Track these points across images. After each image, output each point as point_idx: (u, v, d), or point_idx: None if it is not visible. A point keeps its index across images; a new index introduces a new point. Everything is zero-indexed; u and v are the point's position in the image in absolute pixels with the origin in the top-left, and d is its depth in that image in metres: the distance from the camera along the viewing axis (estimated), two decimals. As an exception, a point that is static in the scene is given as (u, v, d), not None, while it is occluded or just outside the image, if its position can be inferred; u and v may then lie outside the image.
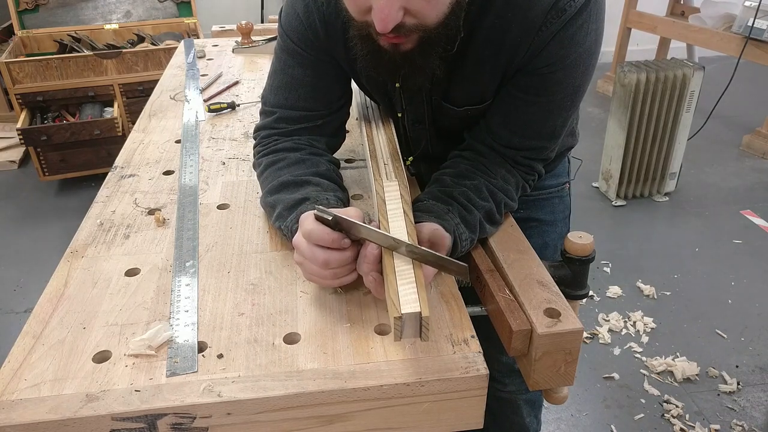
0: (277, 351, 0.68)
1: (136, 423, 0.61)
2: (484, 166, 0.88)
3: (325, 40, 0.88)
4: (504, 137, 0.88)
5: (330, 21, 0.85)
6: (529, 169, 0.91)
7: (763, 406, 1.79)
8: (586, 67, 0.82)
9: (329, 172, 0.90)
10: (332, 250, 0.70)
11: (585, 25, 0.77)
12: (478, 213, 0.83)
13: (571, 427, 1.76)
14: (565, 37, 0.77)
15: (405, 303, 0.62)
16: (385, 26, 0.67)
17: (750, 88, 4.07)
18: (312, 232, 0.70)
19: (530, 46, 0.79)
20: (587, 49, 0.80)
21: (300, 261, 0.73)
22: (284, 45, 0.91)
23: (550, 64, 0.80)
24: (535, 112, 0.85)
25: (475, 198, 0.84)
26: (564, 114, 0.86)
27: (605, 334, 2.06)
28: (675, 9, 3.84)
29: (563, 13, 0.76)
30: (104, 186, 1.04)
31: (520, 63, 0.81)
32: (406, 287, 0.64)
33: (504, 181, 0.88)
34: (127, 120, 3.03)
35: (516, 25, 0.78)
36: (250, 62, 1.73)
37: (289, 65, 0.91)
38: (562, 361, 0.71)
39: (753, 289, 2.27)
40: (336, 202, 0.81)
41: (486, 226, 0.85)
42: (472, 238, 0.82)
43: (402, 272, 0.66)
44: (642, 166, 2.78)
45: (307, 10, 0.86)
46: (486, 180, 0.86)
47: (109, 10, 3.27)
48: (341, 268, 0.71)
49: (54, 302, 0.76)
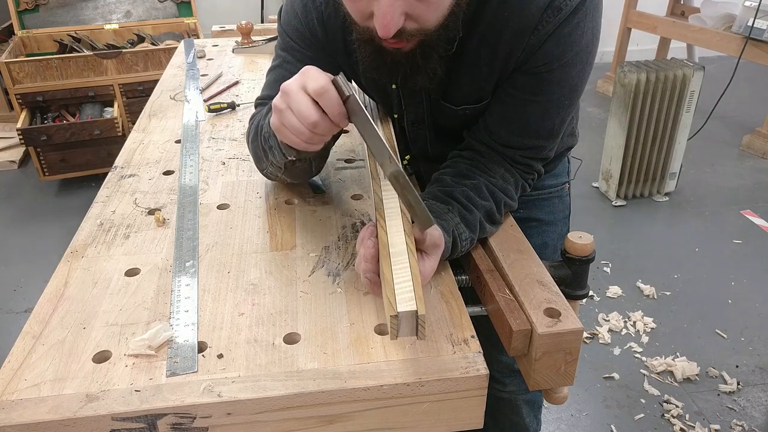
0: (277, 351, 0.68)
1: (136, 423, 0.61)
2: (484, 165, 0.88)
3: (323, 40, 0.88)
4: (502, 136, 0.88)
5: (328, 21, 0.86)
6: (528, 168, 0.91)
7: (763, 406, 1.79)
8: (583, 65, 0.82)
9: None
10: (325, 117, 0.67)
11: (581, 23, 0.78)
12: (478, 213, 0.83)
13: (571, 427, 1.76)
14: (561, 35, 0.77)
15: (401, 301, 0.62)
16: (387, 32, 0.68)
17: (750, 88, 4.07)
18: (326, 91, 0.65)
19: (526, 45, 0.79)
20: (584, 48, 0.80)
21: (282, 108, 0.69)
22: (283, 43, 0.92)
23: (547, 63, 0.80)
24: (532, 112, 0.85)
25: (476, 197, 0.84)
26: (562, 113, 0.86)
27: (605, 334, 2.06)
28: (675, 9, 3.84)
29: (559, 11, 0.76)
30: (104, 186, 1.04)
31: (517, 62, 0.81)
32: (402, 285, 0.64)
33: (503, 181, 0.88)
34: (127, 120, 3.03)
35: (512, 24, 0.78)
36: (250, 62, 1.73)
37: (287, 61, 0.92)
38: (562, 361, 0.71)
39: (753, 289, 2.27)
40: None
41: (486, 225, 0.85)
42: (472, 238, 0.82)
43: (399, 270, 0.66)
44: (642, 166, 2.78)
45: (305, 10, 0.87)
46: (486, 179, 0.86)
47: (109, 10, 3.27)
48: (320, 136, 0.69)
49: (54, 302, 0.76)
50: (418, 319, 0.61)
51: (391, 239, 0.70)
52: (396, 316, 0.61)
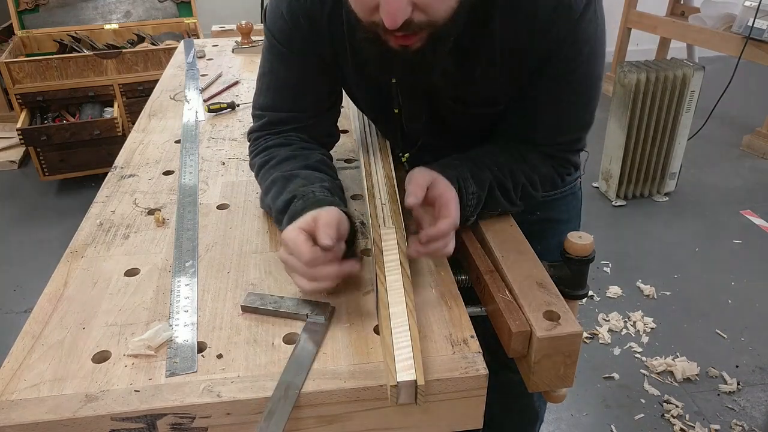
0: (276, 351, 0.68)
1: (136, 423, 0.61)
2: (518, 153, 0.89)
3: (310, 38, 0.86)
4: (538, 137, 0.89)
5: (314, 17, 0.85)
6: (565, 162, 0.93)
7: (763, 406, 1.79)
8: (601, 54, 0.84)
9: (318, 163, 0.89)
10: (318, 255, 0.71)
11: (593, 17, 0.78)
12: (490, 175, 0.84)
13: (571, 427, 1.76)
14: (578, 33, 0.78)
15: (401, 370, 0.61)
16: (394, 21, 0.65)
17: (750, 88, 4.07)
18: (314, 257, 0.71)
19: (542, 46, 0.79)
20: (599, 38, 0.81)
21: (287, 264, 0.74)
22: (270, 46, 0.91)
23: (570, 63, 0.81)
24: (565, 109, 0.86)
25: (491, 165, 0.85)
26: (592, 103, 0.88)
27: (605, 334, 2.06)
28: (675, 9, 3.84)
29: (570, 10, 0.76)
30: (104, 186, 1.04)
31: (537, 65, 0.81)
32: (401, 351, 0.63)
33: (532, 169, 0.89)
34: (127, 120, 3.03)
35: (523, 27, 0.78)
36: (250, 62, 1.73)
37: (275, 67, 0.91)
38: (562, 364, 0.71)
39: (753, 289, 2.27)
40: (322, 193, 0.80)
41: (497, 194, 0.85)
42: (479, 195, 0.82)
43: (398, 334, 0.65)
44: (642, 166, 2.78)
45: (290, 9, 0.85)
46: (512, 159, 0.88)
47: (109, 10, 3.26)
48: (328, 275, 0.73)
49: (53, 302, 0.76)
50: (417, 388, 0.61)
51: (390, 298, 0.69)
52: (396, 386, 0.61)
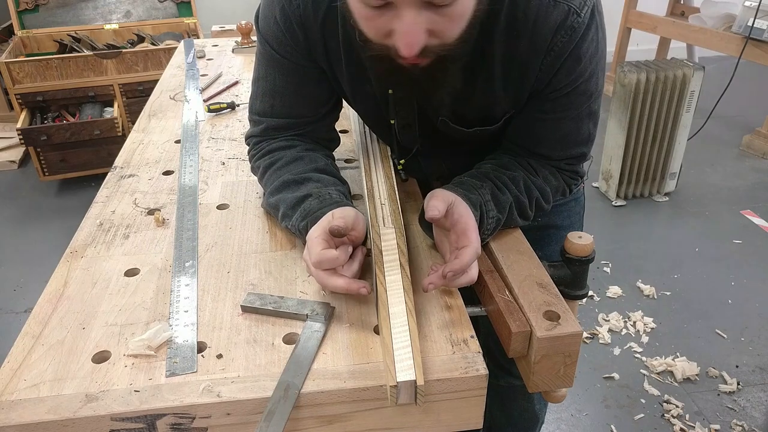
0: (276, 351, 0.68)
1: (136, 423, 0.61)
2: (528, 164, 0.90)
3: (304, 44, 0.85)
4: (545, 154, 0.90)
5: (307, 24, 0.83)
6: (574, 174, 0.93)
7: (763, 406, 1.79)
8: (602, 69, 0.84)
9: (328, 166, 0.90)
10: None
11: (594, 36, 0.78)
12: (510, 197, 0.84)
13: (571, 427, 1.76)
14: (580, 53, 0.78)
15: (401, 370, 0.62)
16: (411, 51, 0.64)
17: (750, 88, 4.07)
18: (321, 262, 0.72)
19: (543, 65, 0.79)
20: (600, 55, 0.81)
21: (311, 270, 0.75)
22: (264, 51, 0.89)
23: (571, 82, 0.80)
24: (567, 126, 0.87)
25: (510, 184, 0.85)
26: (594, 117, 0.88)
27: (605, 334, 2.06)
28: (675, 9, 3.84)
29: (572, 31, 0.76)
30: (104, 186, 1.04)
31: (538, 84, 0.81)
32: (401, 352, 0.63)
33: (544, 181, 0.89)
34: (127, 120, 3.03)
35: (524, 45, 0.77)
36: (250, 62, 1.73)
37: (270, 73, 0.90)
38: (561, 364, 0.71)
39: (753, 289, 2.27)
40: (339, 197, 0.82)
41: (515, 214, 0.86)
42: (499, 218, 0.83)
43: (398, 335, 0.65)
44: (642, 166, 2.78)
45: (284, 14, 0.84)
46: (526, 174, 0.88)
47: (109, 10, 3.27)
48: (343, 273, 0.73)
49: (53, 302, 0.76)
50: (416, 389, 0.61)
51: (390, 298, 0.69)
52: (395, 386, 0.61)
